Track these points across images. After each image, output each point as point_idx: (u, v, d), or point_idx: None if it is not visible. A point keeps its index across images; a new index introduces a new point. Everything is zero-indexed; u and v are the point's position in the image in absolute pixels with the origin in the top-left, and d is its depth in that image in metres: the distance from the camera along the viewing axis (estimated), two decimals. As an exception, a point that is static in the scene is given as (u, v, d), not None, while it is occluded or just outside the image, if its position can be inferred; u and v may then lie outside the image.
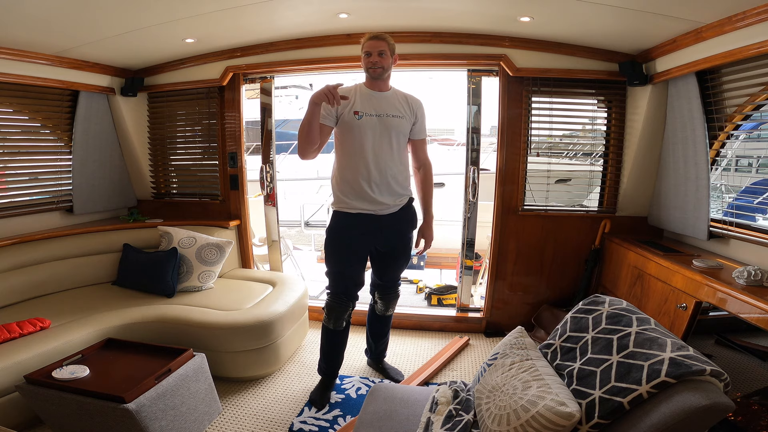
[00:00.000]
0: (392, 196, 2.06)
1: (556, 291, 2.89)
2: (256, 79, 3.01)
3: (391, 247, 2.15)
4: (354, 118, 1.98)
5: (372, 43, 1.97)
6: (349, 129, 1.99)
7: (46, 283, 2.49)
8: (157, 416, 1.62)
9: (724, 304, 1.69)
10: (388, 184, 2.04)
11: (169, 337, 2.18)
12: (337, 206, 2.08)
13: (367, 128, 1.98)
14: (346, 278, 2.10)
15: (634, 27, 2.13)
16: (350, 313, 2.16)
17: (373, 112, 2.00)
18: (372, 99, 2.02)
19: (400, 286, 2.33)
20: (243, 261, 3.23)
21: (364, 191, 2.01)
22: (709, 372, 0.99)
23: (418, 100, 2.14)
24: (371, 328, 2.44)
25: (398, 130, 2.04)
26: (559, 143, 2.88)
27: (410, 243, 2.22)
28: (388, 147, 2.03)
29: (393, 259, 2.20)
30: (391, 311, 2.35)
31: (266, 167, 3.05)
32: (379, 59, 1.97)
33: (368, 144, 1.99)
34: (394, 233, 2.13)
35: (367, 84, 2.06)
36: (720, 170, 2.18)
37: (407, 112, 2.07)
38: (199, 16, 2.18)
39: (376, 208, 2.03)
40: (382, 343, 2.45)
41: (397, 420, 1.43)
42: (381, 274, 2.26)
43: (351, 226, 2.05)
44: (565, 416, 1.03)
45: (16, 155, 2.68)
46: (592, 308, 1.39)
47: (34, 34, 2.16)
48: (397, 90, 2.11)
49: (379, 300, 2.31)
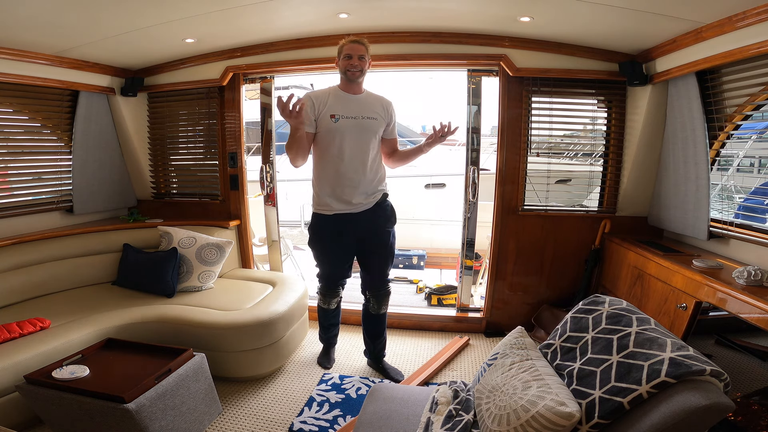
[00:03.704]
0: (367, 195, 2.15)
1: (556, 291, 2.89)
2: (256, 79, 3.00)
3: (371, 241, 2.22)
4: (331, 121, 2.04)
5: (354, 46, 2.04)
6: (327, 132, 2.06)
7: (46, 283, 2.49)
8: (157, 416, 1.62)
9: (724, 304, 1.69)
10: (365, 184, 2.13)
11: (169, 337, 2.18)
12: (316, 208, 2.19)
13: (344, 131, 2.05)
14: (331, 274, 2.33)
15: (634, 27, 2.13)
16: (341, 296, 2.45)
17: (349, 115, 2.07)
18: (348, 102, 2.09)
19: (390, 284, 2.38)
20: (243, 261, 3.23)
21: (342, 192, 2.10)
22: (709, 372, 0.99)
23: (390, 101, 2.23)
24: (366, 328, 2.46)
25: (374, 132, 2.12)
26: (559, 143, 2.88)
27: (390, 238, 2.28)
28: (365, 148, 2.10)
29: (375, 255, 2.27)
30: (384, 309, 2.38)
31: (266, 167, 3.05)
32: (359, 62, 2.05)
33: (346, 146, 2.06)
34: (372, 228, 2.20)
35: (343, 87, 2.12)
36: (732, 170, 2.17)
37: (382, 114, 2.16)
38: (199, 16, 2.18)
39: (352, 208, 2.13)
40: (379, 342, 2.46)
41: (397, 420, 1.43)
42: (368, 271, 2.32)
43: (330, 228, 2.17)
44: (565, 416, 1.04)
45: (17, 155, 2.68)
46: (592, 308, 1.39)
47: (34, 34, 2.16)
48: (370, 92, 2.19)
49: (372, 298, 2.35)
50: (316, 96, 2.06)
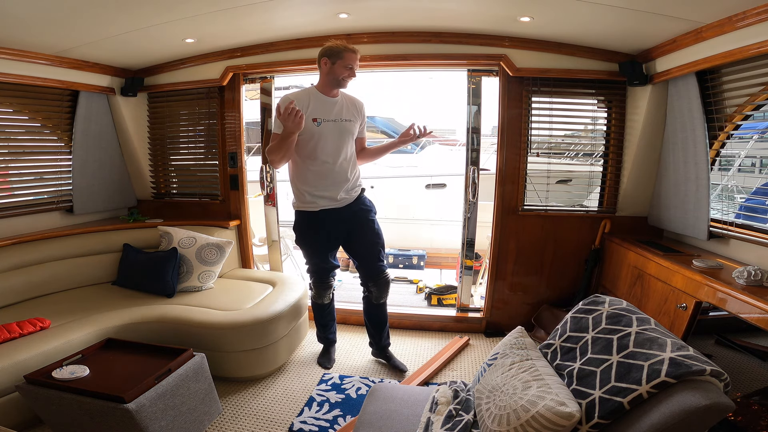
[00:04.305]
0: (348, 191, 2.26)
1: (556, 291, 2.89)
2: (256, 79, 3.00)
3: (359, 231, 2.32)
4: (313, 125, 2.12)
5: (356, 58, 2.11)
6: (310, 135, 2.12)
7: (46, 283, 2.49)
8: (157, 416, 1.62)
9: (724, 304, 1.69)
10: (346, 181, 2.23)
11: (169, 337, 2.18)
12: (300, 206, 2.26)
13: (326, 133, 2.14)
14: (320, 268, 2.38)
15: (634, 27, 2.13)
16: (333, 288, 2.52)
17: (330, 118, 2.16)
18: (327, 104, 2.17)
19: (388, 270, 2.42)
20: (243, 261, 3.23)
21: (326, 190, 2.20)
22: (709, 372, 0.99)
23: (362, 102, 2.33)
24: (370, 318, 2.52)
25: (352, 133, 2.24)
26: (560, 144, 2.88)
27: (375, 225, 2.36)
28: (345, 148, 2.21)
29: (366, 242, 2.33)
30: (384, 298, 2.45)
31: (266, 167, 3.05)
32: (355, 73, 2.14)
33: (328, 147, 2.15)
34: (356, 218, 2.31)
35: (322, 89, 2.18)
36: (733, 170, 2.16)
37: (356, 115, 2.27)
38: (199, 16, 2.18)
39: (336, 204, 2.23)
40: (384, 331, 2.54)
41: (397, 420, 1.43)
42: (363, 260, 2.37)
43: (315, 224, 2.25)
44: (565, 416, 1.03)
45: (17, 155, 2.68)
46: (592, 308, 1.39)
47: (34, 34, 2.16)
48: (344, 93, 2.25)
49: (373, 288, 2.40)
50: (297, 99, 2.08)
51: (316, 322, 2.60)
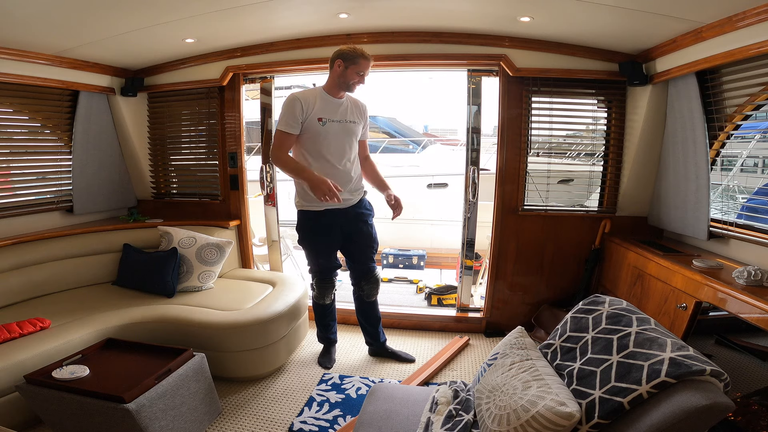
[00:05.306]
0: (352, 192, 2.29)
1: (556, 291, 2.89)
2: (256, 79, 3.00)
3: (358, 233, 2.35)
4: (318, 124, 2.15)
5: (368, 65, 2.14)
6: (315, 135, 2.15)
7: (46, 283, 2.49)
8: (157, 416, 1.62)
9: (724, 304, 1.69)
10: (350, 182, 2.26)
11: (169, 337, 2.18)
12: (304, 206, 2.27)
13: (331, 133, 2.17)
14: (324, 268, 2.42)
15: (634, 27, 2.13)
16: (335, 288, 2.53)
17: (335, 118, 2.19)
18: (333, 105, 2.20)
19: (377, 270, 2.50)
20: (243, 261, 3.23)
21: None
22: (709, 372, 0.99)
23: (365, 104, 2.36)
24: (365, 316, 2.58)
25: (355, 134, 2.28)
26: (560, 144, 2.88)
27: (372, 228, 2.42)
28: (348, 149, 2.24)
29: (363, 245, 2.39)
30: (375, 296, 2.53)
31: (266, 167, 3.05)
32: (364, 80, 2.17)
33: (332, 147, 2.18)
34: (358, 220, 2.34)
35: (329, 90, 2.21)
36: (735, 170, 2.16)
37: (359, 117, 2.30)
38: (199, 16, 2.18)
39: (340, 204, 2.19)
40: (380, 326, 2.60)
41: (397, 420, 1.43)
42: (358, 260, 2.43)
43: (320, 223, 2.27)
44: (565, 416, 1.03)
45: (17, 155, 2.68)
46: (592, 308, 1.39)
47: (34, 34, 2.16)
48: (349, 95, 2.28)
49: (366, 286, 2.47)
50: (304, 98, 2.12)
51: (318, 322, 2.61)
